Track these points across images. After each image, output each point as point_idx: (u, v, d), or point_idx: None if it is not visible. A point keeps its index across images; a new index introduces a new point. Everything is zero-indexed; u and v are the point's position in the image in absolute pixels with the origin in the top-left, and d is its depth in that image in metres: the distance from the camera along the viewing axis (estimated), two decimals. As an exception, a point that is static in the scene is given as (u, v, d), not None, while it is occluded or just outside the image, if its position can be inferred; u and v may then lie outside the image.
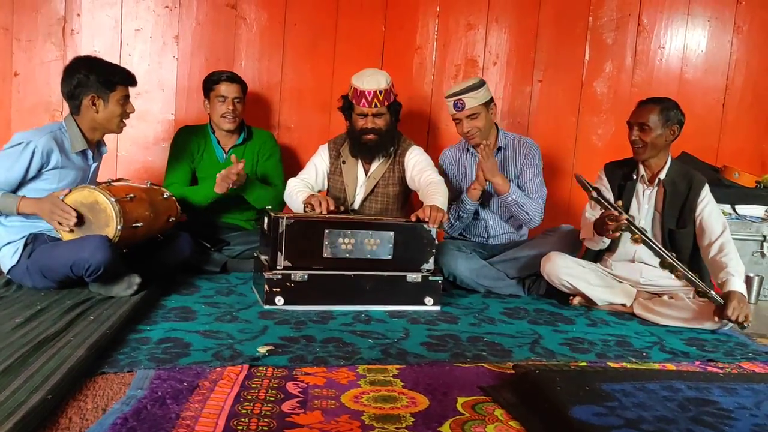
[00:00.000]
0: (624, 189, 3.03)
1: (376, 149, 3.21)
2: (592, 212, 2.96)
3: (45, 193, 2.66)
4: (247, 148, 3.51)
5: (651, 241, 2.83)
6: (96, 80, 2.72)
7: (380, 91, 3.10)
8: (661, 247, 2.84)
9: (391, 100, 3.18)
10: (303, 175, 3.28)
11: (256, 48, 3.82)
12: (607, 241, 2.99)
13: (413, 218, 2.84)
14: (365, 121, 3.15)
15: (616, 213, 2.75)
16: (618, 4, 4.01)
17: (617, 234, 2.83)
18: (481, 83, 3.25)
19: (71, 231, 2.61)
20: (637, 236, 2.81)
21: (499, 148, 3.37)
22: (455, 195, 3.36)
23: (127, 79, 2.82)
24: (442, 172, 3.40)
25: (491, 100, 3.29)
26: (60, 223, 2.57)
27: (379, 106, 3.12)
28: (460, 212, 3.32)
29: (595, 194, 2.87)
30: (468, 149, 3.41)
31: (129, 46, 3.72)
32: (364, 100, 3.11)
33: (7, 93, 3.67)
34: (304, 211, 2.99)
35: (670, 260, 2.78)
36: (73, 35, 3.68)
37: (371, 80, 3.11)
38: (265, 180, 3.54)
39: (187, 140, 3.45)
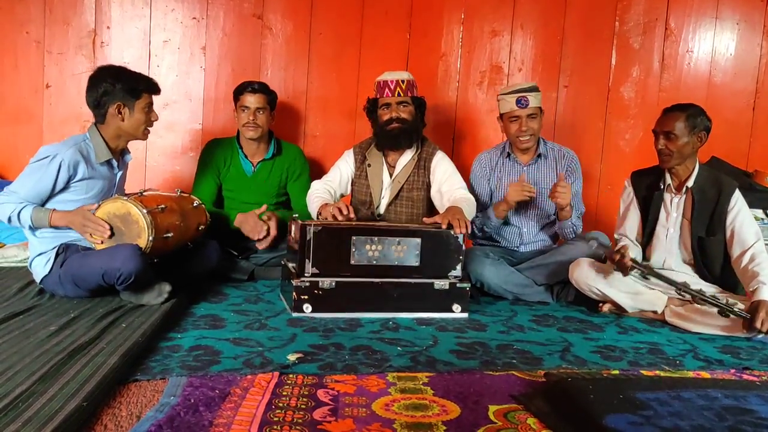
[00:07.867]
0: (650, 199, 3.00)
1: (402, 137, 3.21)
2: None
3: (73, 203, 2.70)
4: (275, 163, 3.52)
5: (660, 276, 2.83)
6: (122, 89, 2.75)
7: (402, 81, 3.19)
8: (672, 279, 2.81)
9: (414, 93, 3.24)
10: (327, 178, 3.31)
11: (282, 57, 3.85)
12: None
13: (442, 222, 2.82)
14: (390, 111, 3.18)
15: (617, 256, 2.78)
16: (645, 8, 3.97)
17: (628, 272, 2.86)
18: (538, 88, 3.32)
19: (103, 242, 2.65)
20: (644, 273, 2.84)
21: (539, 155, 3.36)
22: (486, 200, 3.38)
23: (151, 87, 2.85)
24: (475, 175, 3.42)
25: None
26: (92, 236, 2.63)
27: (402, 95, 3.18)
28: (485, 226, 3.32)
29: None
30: (509, 154, 3.39)
31: (157, 57, 3.78)
32: (387, 89, 3.18)
33: (39, 105, 3.75)
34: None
35: (684, 291, 2.75)
36: (103, 47, 3.74)
37: (393, 73, 3.23)
38: (293, 197, 3.56)
39: (213, 154, 3.48)
